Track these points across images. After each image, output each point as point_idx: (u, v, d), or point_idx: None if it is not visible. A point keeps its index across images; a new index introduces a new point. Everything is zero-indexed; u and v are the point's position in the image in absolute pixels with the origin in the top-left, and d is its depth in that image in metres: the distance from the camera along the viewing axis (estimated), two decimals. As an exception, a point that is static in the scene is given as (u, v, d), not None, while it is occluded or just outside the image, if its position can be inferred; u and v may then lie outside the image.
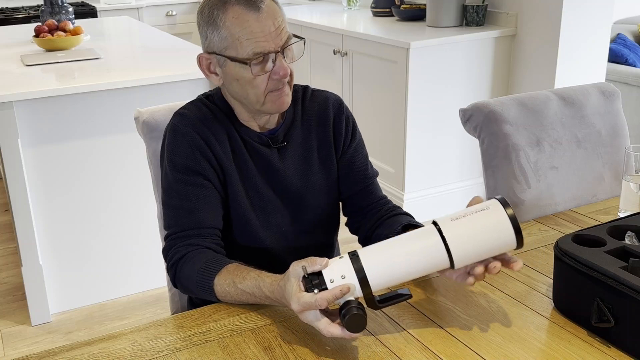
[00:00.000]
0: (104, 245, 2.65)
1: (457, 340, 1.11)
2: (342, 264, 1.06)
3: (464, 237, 1.06)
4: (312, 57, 3.87)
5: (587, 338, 1.11)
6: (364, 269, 1.05)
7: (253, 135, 1.36)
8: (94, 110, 2.50)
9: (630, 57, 3.94)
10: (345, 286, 1.03)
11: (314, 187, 1.41)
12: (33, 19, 4.51)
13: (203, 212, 1.30)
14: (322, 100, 1.44)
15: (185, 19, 5.30)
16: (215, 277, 1.21)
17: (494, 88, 3.33)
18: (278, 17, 1.25)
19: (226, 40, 1.24)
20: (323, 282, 1.04)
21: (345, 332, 1.04)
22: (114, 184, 2.60)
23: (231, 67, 1.27)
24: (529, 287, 1.28)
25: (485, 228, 1.06)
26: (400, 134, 3.21)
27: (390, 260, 1.07)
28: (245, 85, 1.27)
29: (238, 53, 1.24)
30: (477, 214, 1.07)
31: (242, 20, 1.22)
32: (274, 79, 1.26)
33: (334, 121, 1.43)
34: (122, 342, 1.14)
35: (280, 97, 1.29)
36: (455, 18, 3.35)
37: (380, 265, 1.07)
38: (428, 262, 1.08)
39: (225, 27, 1.24)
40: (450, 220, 1.08)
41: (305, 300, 1.04)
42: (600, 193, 1.79)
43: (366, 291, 1.06)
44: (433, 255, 1.07)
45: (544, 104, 1.76)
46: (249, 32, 1.22)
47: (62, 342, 2.44)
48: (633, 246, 1.17)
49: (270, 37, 1.23)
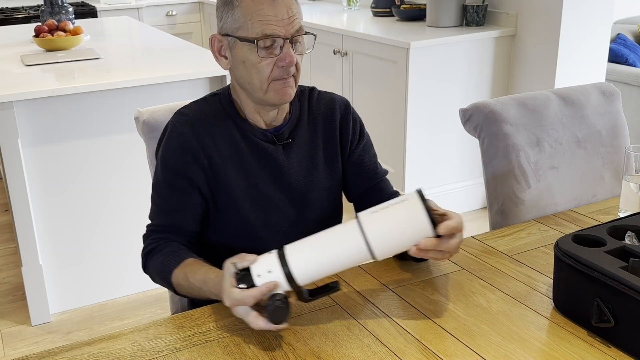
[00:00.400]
0: (104, 245, 2.65)
1: (457, 340, 1.11)
2: (269, 259, 1.10)
3: (382, 229, 1.09)
4: (312, 57, 3.87)
5: (587, 338, 1.11)
6: (288, 264, 1.09)
7: (257, 133, 1.36)
8: (94, 110, 2.50)
9: (631, 57, 3.94)
10: (271, 283, 1.08)
11: (317, 185, 1.42)
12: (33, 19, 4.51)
13: (181, 215, 1.36)
14: (328, 101, 1.45)
15: (185, 19, 5.30)
16: (173, 270, 1.27)
17: (494, 88, 3.33)
18: (293, 7, 1.27)
19: (238, 21, 1.26)
20: (250, 278, 1.09)
21: (270, 324, 1.08)
22: (114, 184, 2.60)
23: (239, 49, 1.28)
24: (529, 287, 1.27)
25: (402, 219, 1.09)
26: (400, 134, 3.21)
27: (314, 254, 1.11)
28: (250, 68, 1.28)
29: (248, 33, 1.25)
30: (395, 206, 1.10)
31: (258, 2, 1.24)
32: (279, 66, 1.27)
33: (341, 122, 1.43)
34: (122, 342, 1.14)
35: (284, 87, 1.29)
36: (455, 18, 3.35)
37: (305, 259, 1.10)
38: (350, 256, 1.11)
39: (240, 8, 1.26)
40: (371, 213, 1.11)
41: (234, 296, 1.09)
42: (600, 193, 1.79)
43: (293, 285, 1.10)
44: (354, 249, 1.10)
45: (544, 104, 1.76)
46: (261, 14, 1.24)
47: (62, 342, 2.44)
48: (633, 246, 1.17)
49: (282, 23, 1.25)
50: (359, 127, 1.47)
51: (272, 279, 1.09)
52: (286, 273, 1.09)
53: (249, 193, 1.36)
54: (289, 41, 1.26)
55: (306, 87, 1.46)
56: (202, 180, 1.33)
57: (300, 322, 1.17)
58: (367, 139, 1.48)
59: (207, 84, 2.61)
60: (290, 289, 1.10)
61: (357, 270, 1.35)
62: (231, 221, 1.37)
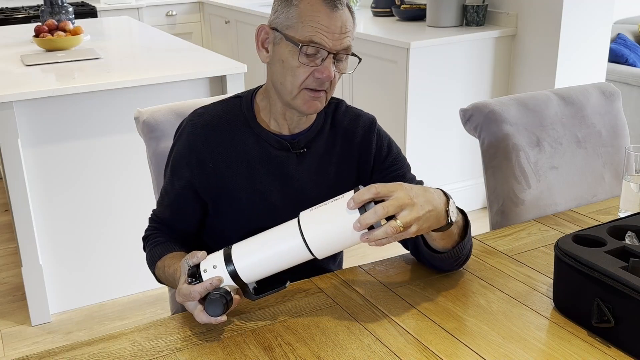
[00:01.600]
0: (104, 245, 2.65)
1: (457, 340, 1.11)
2: (216, 256, 1.14)
3: (318, 226, 1.09)
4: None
5: (587, 338, 1.11)
6: (233, 261, 1.12)
7: (271, 140, 1.34)
8: (94, 110, 2.50)
9: (631, 57, 3.94)
10: (214, 278, 1.12)
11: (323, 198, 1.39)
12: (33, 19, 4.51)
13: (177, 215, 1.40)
14: (353, 117, 1.42)
15: (185, 19, 5.29)
16: (157, 261, 1.34)
17: (494, 88, 3.33)
18: (348, 25, 1.26)
19: (291, 20, 1.25)
20: (197, 273, 1.13)
21: (209, 317, 1.11)
22: (114, 184, 2.60)
23: (283, 47, 1.27)
24: (529, 287, 1.27)
25: (337, 216, 1.08)
26: (400, 134, 3.21)
27: (257, 252, 1.13)
28: (287, 69, 1.27)
29: (297, 34, 1.24)
30: (331, 202, 1.11)
31: (316, 9, 1.23)
32: (315, 77, 1.26)
33: (362, 139, 1.40)
34: (122, 342, 1.14)
35: (313, 99, 1.28)
36: (455, 18, 3.35)
37: (248, 257, 1.12)
38: (290, 253, 1.12)
39: (298, 8, 1.25)
40: (309, 211, 1.12)
41: (182, 292, 1.14)
42: (601, 193, 1.79)
43: (238, 282, 1.12)
44: (293, 247, 1.11)
45: (544, 104, 1.76)
46: (316, 20, 1.23)
47: (62, 342, 2.44)
48: (633, 246, 1.17)
49: (333, 36, 1.24)
50: (385, 142, 1.42)
51: (217, 274, 1.12)
52: (230, 270, 1.12)
53: (253, 200, 1.35)
54: (333, 56, 1.25)
55: (335, 99, 1.42)
56: (203, 184, 1.33)
57: (300, 323, 1.17)
58: (397, 154, 1.43)
59: (207, 84, 2.61)
60: (235, 285, 1.13)
61: (357, 271, 1.35)
62: (231, 227, 1.36)
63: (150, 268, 1.40)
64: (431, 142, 3.25)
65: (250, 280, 1.14)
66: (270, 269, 1.14)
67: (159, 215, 1.43)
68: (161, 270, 1.33)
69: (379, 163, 1.41)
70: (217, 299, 1.09)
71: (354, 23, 1.29)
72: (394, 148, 1.44)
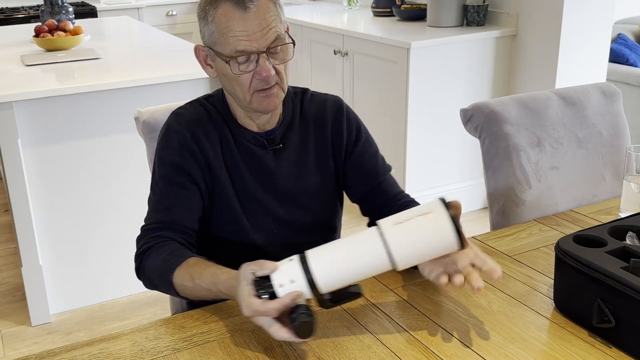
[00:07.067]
0: (104, 246, 2.65)
1: (458, 341, 1.11)
2: (291, 268, 1.06)
3: (406, 242, 1.06)
4: (313, 57, 3.87)
5: (588, 338, 1.11)
6: (311, 272, 1.05)
7: (249, 137, 1.36)
8: (94, 110, 2.50)
9: (631, 57, 3.94)
10: (295, 293, 1.04)
11: (308, 190, 1.41)
12: (33, 19, 4.51)
13: (179, 210, 1.32)
14: (320, 103, 1.43)
15: (185, 19, 5.29)
16: (175, 270, 1.21)
17: (494, 88, 3.32)
18: (268, 17, 1.24)
19: (214, 36, 1.25)
20: (272, 287, 1.05)
21: (294, 336, 1.04)
22: (114, 184, 2.60)
23: (218, 63, 1.28)
24: (530, 287, 1.27)
25: (427, 232, 1.06)
26: (400, 134, 3.21)
27: (337, 263, 1.07)
28: (231, 81, 1.28)
29: (223, 50, 1.25)
30: (420, 217, 1.07)
31: (229, 17, 1.22)
32: (257, 79, 1.26)
33: (333, 124, 1.41)
34: (122, 342, 1.14)
35: (267, 97, 1.28)
36: (455, 18, 3.35)
37: (327, 268, 1.07)
38: (372, 266, 1.08)
39: (214, 23, 1.25)
40: (393, 224, 1.07)
41: (255, 307, 1.04)
42: (601, 193, 1.79)
43: (316, 293, 1.06)
44: (376, 259, 1.07)
45: (545, 104, 1.75)
46: (232, 29, 1.23)
47: (62, 342, 2.43)
48: (634, 246, 1.17)
49: (254, 37, 1.23)
50: (354, 126, 1.43)
51: (295, 289, 1.04)
52: (309, 281, 1.05)
53: (239, 195, 1.36)
54: (265, 53, 1.25)
55: (299, 89, 1.44)
56: (199, 176, 1.33)
57: (300, 323, 1.17)
58: (365, 137, 1.45)
59: (207, 84, 2.61)
60: (311, 296, 1.07)
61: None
62: (223, 221, 1.37)
63: (164, 278, 1.23)
64: (431, 142, 3.24)
65: (326, 290, 1.08)
66: (348, 279, 1.09)
67: (158, 221, 1.32)
68: (186, 279, 1.19)
69: (351, 149, 1.43)
70: (311, 321, 1.02)
71: (275, 7, 1.26)
72: (363, 132, 1.45)
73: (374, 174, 1.44)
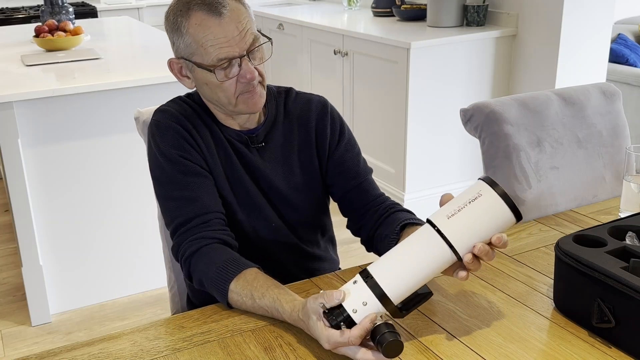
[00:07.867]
0: (104, 246, 2.65)
1: (458, 341, 1.11)
2: (359, 290, 1.04)
3: (465, 231, 1.06)
4: (313, 58, 3.87)
5: (587, 338, 1.11)
6: (380, 287, 1.03)
7: (233, 134, 1.36)
8: (94, 110, 2.50)
9: (631, 57, 3.94)
10: (372, 315, 1.02)
11: (295, 188, 1.41)
12: (33, 19, 4.51)
13: (205, 199, 1.30)
14: (304, 102, 1.43)
15: (186, 19, 5.29)
16: (231, 281, 1.19)
17: (494, 88, 3.32)
18: (242, 19, 1.24)
19: (191, 47, 1.25)
20: (347, 315, 1.03)
21: (381, 357, 1.01)
22: (114, 184, 2.60)
23: (199, 72, 1.28)
24: (530, 287, 1.27)
25: (482, 216, 1.06)
26: (400, 134, 3.21)
27: (402, 272, 1.06)
28: (215, 89, 1.28)
29: (203, 59, 1.25)
30: (472, 204, 1.06)
31: (205, 26, 1.22)
32: (242, 82, 1.26)
33: (317, 123, 1.42)
34: (122, 342, 1.14)
35: (252, 98, 1.29)
36: (455, 18, 3.35)
37: (394, 279, 1.05)
38: (437, 265, 1.07)
39: (189, 34, 1.24)
40: (446, 217, 1.07)
41: (335, 340, 1.02)
42: (601, 193, 1.79)
43: (389, 307, 1.04)
44: (439, 257, 1.06)
45: (545, 104, 1.75)
46: (211, 38, 1.22)
47: (62, 342, 2.43)
48: (634, 246, 1.17)
49: (234, 41, 1.23)
50: (338, 125, 1.43)
51: (370, 311, 1.02)
52: (380, 297, 1.03)
53: (234, 188, 1.36)
54: (246, 56, 1.25)
55: (284, 88, 1.44)
56: (204, 165, 1.33)
57: (300, 323, 1.17)
58: (348, 138, 1.45)
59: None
60: (385, 312, 1.05)
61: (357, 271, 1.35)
62: None
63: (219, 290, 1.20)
64: (432, 142, 3.24)
65: (397, 301, 1.06)
66: (416, 284, 1.07)
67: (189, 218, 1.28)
68: (245, 296, 1.17)
69: (334, 148, 1.43)
70: (397, 340, 0.99)
71: (245, 9, 1.26)
72: (346, 132, 1.45)
73: (354, 173, 1.44)
